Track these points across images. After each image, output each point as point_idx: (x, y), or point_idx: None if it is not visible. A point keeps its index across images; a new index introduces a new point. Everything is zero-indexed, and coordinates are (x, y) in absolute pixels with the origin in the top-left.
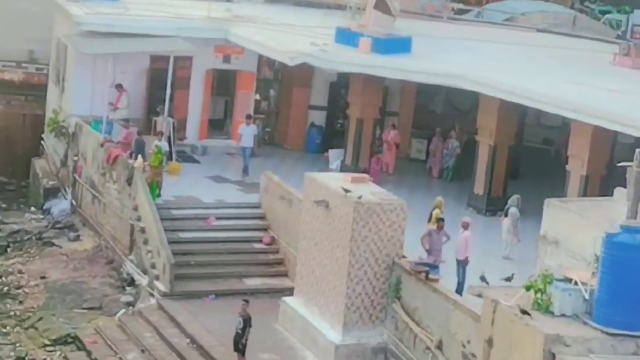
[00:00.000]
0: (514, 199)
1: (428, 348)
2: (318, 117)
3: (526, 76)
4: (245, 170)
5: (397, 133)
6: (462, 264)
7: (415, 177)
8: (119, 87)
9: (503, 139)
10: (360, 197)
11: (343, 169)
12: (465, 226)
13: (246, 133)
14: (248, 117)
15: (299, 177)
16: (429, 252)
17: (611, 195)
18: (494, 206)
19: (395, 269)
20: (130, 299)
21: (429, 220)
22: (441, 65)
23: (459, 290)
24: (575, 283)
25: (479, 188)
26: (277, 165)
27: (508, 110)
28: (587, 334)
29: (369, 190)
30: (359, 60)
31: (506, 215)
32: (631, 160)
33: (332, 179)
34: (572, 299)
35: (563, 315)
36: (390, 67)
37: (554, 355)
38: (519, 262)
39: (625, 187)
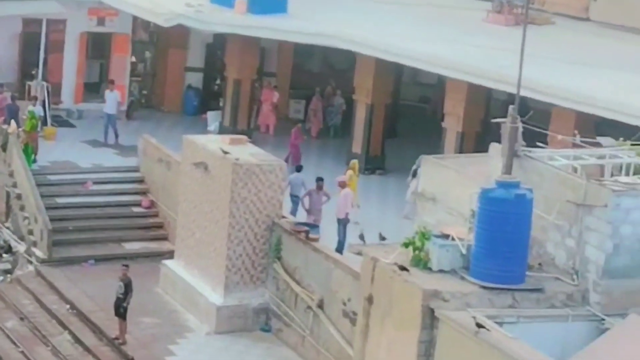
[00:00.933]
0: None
1: (309, 307)
2: (195, 79)
3: (401, 35)
4: (112, 136)
5: (276, 94)
6: (342, 223)
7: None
8: None
9: (380, 97)
10: (238, 159)
11: (221, 130)
12: (342, 185)
13: (109, 99)
14: (111, 82)
15: (177, 140)
16: (308, 211)
17: (486, 151)
18: (372, 165)
19: (275, 229)
20: (7, 266)
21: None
22: (317, 24)
23: (340, 249)
24: (453, 239)
25: (357, 147)
26: (154, 128)
27: (384, 69)
28: (465, 289)
29: (247, 152)
30: (235, 21)
31: (414, 176)
32: (505, 117)
33: (211, 141)
34: (449, 255)
35: (441, 270)
36: (266, 27)
37: (432, 311)
38: (396, 220)
39: (500, 143)
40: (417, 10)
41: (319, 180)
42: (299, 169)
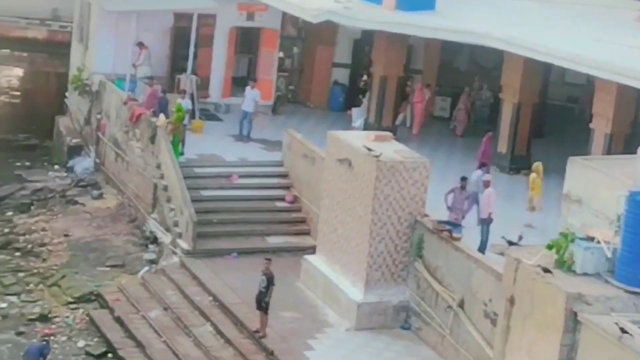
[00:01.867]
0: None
1: (450, 307)
2: (341, 75)
3: (551, 33)
4: (246, 136)
5: (427, 92)
6: (485, 223)
7: (438, 136)
8: (140, 45)
9: (527, 97)
10: (382, 156)
11: (366, 127)
12: (487, 184)
13: (248, 97)
14: (252, 80)
15: (322, 135)
16: (450, 209)
17: (635, 153)
18: (517, 165)
19: (417, 227)
20: (153, 257)
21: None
22: (465, 22)
23: (482, 249)
24: (598, 242)
25: (503, 146)
26: (300, 123)
27: (532, 68)
28: (609, 293)
29: (392, 149)
30: (383, 18)
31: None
32: None
33: (355, 137)
34: (594, 258)
35: (585, 274)
36: (414, 24)
37: (575, 314)
38: (542, 221)
39: None
40: (568, 9)
41: (463, 179)
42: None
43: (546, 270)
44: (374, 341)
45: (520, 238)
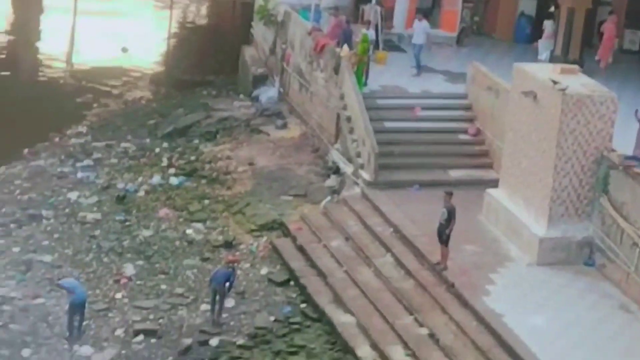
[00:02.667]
0: None
1: (635, 244)
2: (528, 6)
3: None
4: (417, 68)
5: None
6: None
7: (627, 69)
8: None
9: None
10: (569, 89)
11: (552, 59)
12: None
13: (417, 29)
14: (421, 13)
15: (507, 68)
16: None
17: None
18: None
19: (603, 162)
20: (335, 187)
21: None
22: None
23: None
24: None
25: None
26: (484, 55)
27: None
28: None
29: (578, 82)
30: None
31: None
32: None
33: (541, 70)
34: None
35: None
36: None
37: None
38: None
39: None
40: None
41: None
42: None
43: None
44: (555, 277)
45: None
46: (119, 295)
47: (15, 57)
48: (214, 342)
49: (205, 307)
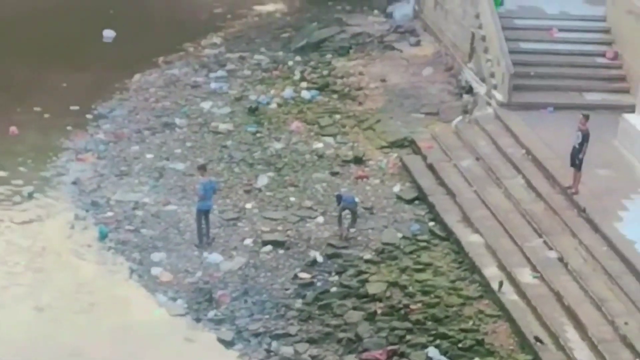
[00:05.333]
0: None
1: None
2: None
3: None
4: None
5: None
6: None
7: None
8: None
9: None
10: None
11: None
12: None
13: None
14: None
15: None
16: None
17: None
18: None
19: None
20: (467, 106)
21: None
22: None
23: None
24: None
25: None
26: None
27: None
28: None
29: None
30: None
31: None
32: None
33: None
34: None
35: None
36: None
37: None
38: None
39: None
40: None
41: None
42: None
43: None
44: None
45: None
46: (248, 206)
47: None
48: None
49: (332, 221)
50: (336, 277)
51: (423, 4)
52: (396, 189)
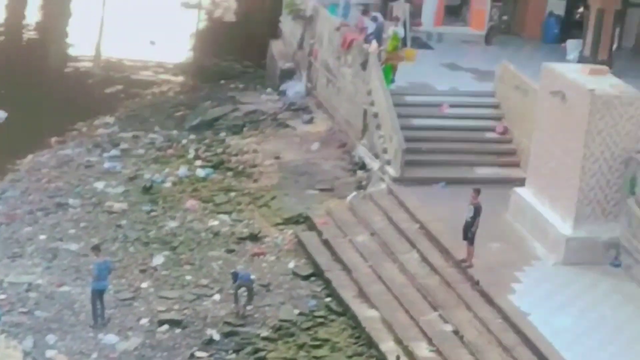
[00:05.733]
0: None
1: None
2: (557, 6)
3: None
4: None
5: None
6: None
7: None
8: None
9: None
10: (597, 90)
11: (581, 60)
12: None
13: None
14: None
15: (535, 67)
16: None
17: None
18: None
19: (631, 163)
20: (361, 182)
21: None
22: None
23: None
24: None
25: None
26: (513, 54)
27: None
28: None
29: (607, 83)
30: None
31: None
32: None
33: (570, 70)
34: None
35: None
36: None
37: None
38: None
39: None
40: None
41: None
42: None
43: None
44: (581, 277)
45: None
46: (144, 285)
47: (45, 48)
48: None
49: (229, 299)
50: (233, 356)
51: (315, 81)
52: (292, 265)
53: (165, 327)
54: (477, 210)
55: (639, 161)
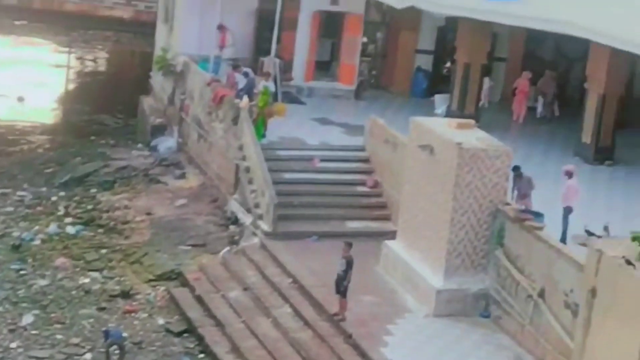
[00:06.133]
0: None
1: (530, 296)
2: (425, 61)
3: (638, 24)
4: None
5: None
6: (565, 212)
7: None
8: (221, 27)
9: (613, 88)
10: (465, 143)
11: (449, 114)
12: (569, 174)
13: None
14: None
15: (404, 121)
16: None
17: None
18: (601, 155)
19: (498, 215)
20: (233, 237)
21: None
22: (551, 10)
23: (563, 239)
24: None
25: (587, 137)
26: (382, 108)
27: (619, 58)
28: None
29: (474, 136)
30: (468, 4)
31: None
32: None
33: (438, 124)
34: None
35: None
36: (499, 12)
37: None
38: (624, 212)
39: None
40: None
41: (515, 169)
42: None
43: (629, 263)
44: (452, 328)
45: (607, 229)
46: (13, 345)
47: None
48: None
49: (100, 358)
50: None
51: (187, 137)
52: (165, 322)
53: None
54: (349, 264)
55: (506, 213)
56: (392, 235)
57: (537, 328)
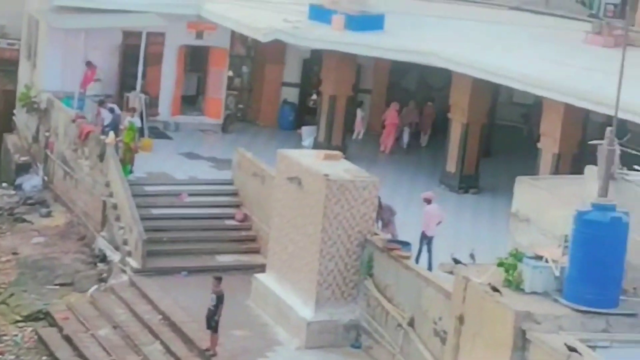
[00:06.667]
0: None
1: (400, 325)
2: (291, 94)
3: (499, 54)
4: None
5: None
6: (427, 239)
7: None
8: (89, 64)
9: (476, 116)
10: (332, 174)
11: (316, 146)
12: (427, 201)
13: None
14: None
15: (272, 154)
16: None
17: (582, 173)
18: (466, 184)
19: (367, 246)
20: (102, 275)
21: None
22: (414, 42)
23: (429, 267)
24: (546, 260)
25: (452, 166)
26: (249, 141)
27: (481, 88)
28: (558, 311)
29: (341, 168)
30: (332, 37)
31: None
32: (602, 139)
33: (305, 156)
34: (542, 277)
35: (534, 292)
36: (363, 44)
37: (524, 332)
38: (489, 239)
39: (596, 165)
40: (516, 31)
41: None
42: None
43: (495, 289)
44: None
45: (472, 256)
46: None
47: None
48: None
49: None
50: None
51: (52, 174)
52: None
53: None
54: (220, 299)
55: (374, 243)
56: (262, 268)
57: (407, 357)
